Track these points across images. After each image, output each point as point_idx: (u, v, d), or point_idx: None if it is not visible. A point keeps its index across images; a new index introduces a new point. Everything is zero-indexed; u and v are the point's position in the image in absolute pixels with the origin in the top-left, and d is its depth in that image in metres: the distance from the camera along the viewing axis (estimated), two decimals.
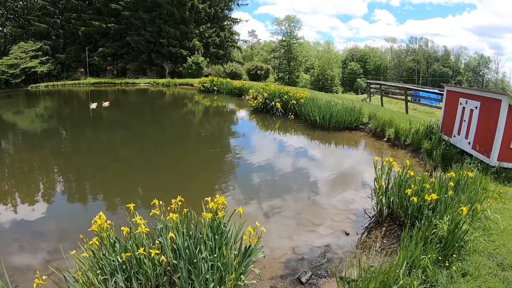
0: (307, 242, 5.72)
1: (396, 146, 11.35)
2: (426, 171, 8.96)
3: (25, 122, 19.27)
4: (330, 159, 10.95)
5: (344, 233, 5.99)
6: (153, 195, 5.03)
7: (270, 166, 10.10)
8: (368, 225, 6.31)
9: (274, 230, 6.15)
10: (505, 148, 7.78)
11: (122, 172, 9.90)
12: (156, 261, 3.96)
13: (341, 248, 5.54)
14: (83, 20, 44.52)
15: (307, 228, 6.26)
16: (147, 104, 26.37)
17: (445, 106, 10.39)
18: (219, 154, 11.56)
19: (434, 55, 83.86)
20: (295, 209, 7.09)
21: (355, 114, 13.71)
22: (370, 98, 23.38)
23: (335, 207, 7.12)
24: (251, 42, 76.63)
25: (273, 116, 17.26)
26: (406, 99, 17.44)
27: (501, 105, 7.66)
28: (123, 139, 14.06)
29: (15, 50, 42.28)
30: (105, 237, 4.05)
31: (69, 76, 44.44)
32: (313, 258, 5.25)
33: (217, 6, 44.80)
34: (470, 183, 5.77)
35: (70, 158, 11.55)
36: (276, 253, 5.36)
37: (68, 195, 8.21)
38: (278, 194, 7.95)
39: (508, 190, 6.81)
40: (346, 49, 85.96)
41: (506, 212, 5.68)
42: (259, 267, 4.84)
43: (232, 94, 26.29)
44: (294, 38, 59.60)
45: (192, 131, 15.28)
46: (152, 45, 43.11)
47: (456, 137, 9.45)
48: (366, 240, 5.76)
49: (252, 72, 36.09)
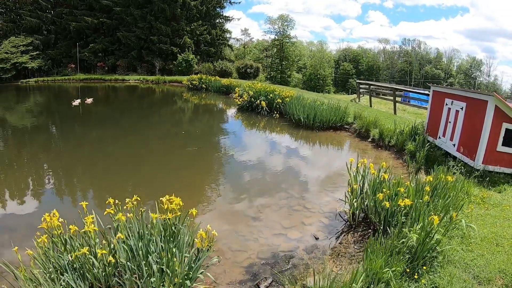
0: (273, 246, 5.38)
1: (380, 147, 10.99)
2: (409, 173, 8.60)
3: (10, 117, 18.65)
4: (310, 159, 10.52)
5: (314, 238, 5.62)
6: (120, 192, 4.65)
7: (246, 166, 9.73)
8: (340, 229, 5.93)
9: (241, 232, 5.85)
10: (490, 150, 7.43)
11: (90, 166, 9.49)
12: (105, 261, 3.80)
13: (309, 253, 5.20)
14: (75, 15, 43.70)
15: (275, 231, 5.90)
16: (133, 101, 26.03)
17: (430, 107, 10.04)
18: (195, 152, 11.11)
19: (427, 57, 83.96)
20: (265, 210, 6.73)
21: (340, 113, 13.34)
22: (360, 98, 23.07)
23: (308, 210, 6.73)
24: (244, 41, 76.09)
25: (258, 114, 16.85)
26: (394, 99, 17.10)
27: (487, 106, 7.32)
28: (100, 136, 13.54)
29: (5, 44, 41.30)
30: (57, 235, 3.91)
31: (60, 71, 43.67)
32: (277, 263, 4.92)
33: (209, 3, 44.20)
34: (449, 187, 5.38)
35: (45, 153, 11.05)
36: (239, 257, 5.08)
37: (39, 190, 7.80)
38: (249, 194, 7.63)
39: (492, 194, 6.46)
40: (339, 50, 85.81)
41: (488, 219, 5.31)
42: (219, 271, 4.70)
43: (220, 92, 25.91)
44: (287, 37, 59.26)
45: (174, 129, 14.82)
46: (143, 42, 42.46)
47: (441, 139, 9.10)
48: (337, 246, 5.39)
49: (241, 70, 35.62)
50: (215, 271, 4.67)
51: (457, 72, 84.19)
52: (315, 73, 60.95)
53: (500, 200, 6.15)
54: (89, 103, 20.49)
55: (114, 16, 42.93)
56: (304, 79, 65.54)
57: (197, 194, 7.76)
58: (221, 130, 15.27)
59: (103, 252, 3.75)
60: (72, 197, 7.54)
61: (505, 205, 5.85)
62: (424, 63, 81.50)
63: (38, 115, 19.43)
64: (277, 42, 59.89)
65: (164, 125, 15.77)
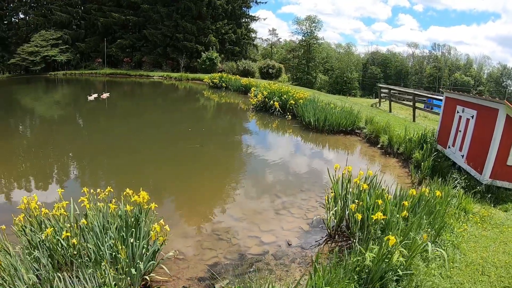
0: (244, 248, 5.24)
1: (388, 154, 10.43)
2: (412, 183, 8.07)
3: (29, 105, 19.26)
4: (309, 163, 10.08)
5: (287, 244, 5.34)
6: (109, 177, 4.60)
7: (242, 165, 9.60)
8: (319, 238, 5.57)
9: (217, 231, 5.75)
10: (500, 164, 6.81)
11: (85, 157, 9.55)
12: (70, 243, 4.10)
13: (277, 259, 4.94)
14: (103, 11, 44.89)
15: (250, 233, 5.71)
16: (152, 97, 26.36)
17: (442, 114, 9.42)
18: (196, 150, 10.94)
19: (457, 63, 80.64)
20: (247, 211, 6.56)
21: (352, 117, 12.82)
22: (380, 103, 22.27)
23: (291, 214, 6.43)
24: (272, 41, 75.66)
25: (271, 115, 16.53)
26: (414, 105, 16.32)
27: (497, 115, 6.72)
28: (105, 129, 13.71)
29: (36, 38, 42.99)
30: (34, 216, 4.38)
31: (87, 65, 45.07)
32: (241, 265, 4.77)
33: (235, 3, 44.19)
34: (437, 203, 4.89)
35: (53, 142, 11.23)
36: (207, 255, 5.04)
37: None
38: (236, 194, 7.56)
39: (495, 213, 5.89)
40: (368, 53, 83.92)
41: (482, 241, 4.80)
42: (184, 265, 4.73)
43: (239, 91, 25.77)
44: (314, 38, 58.43)
45: (181, 125, 14.73)
46: (169, 39, 42.99)
47: (451, 149, 8.49)
48: (308, 254, 5.06)
49: (263, 70, 35.25)
50: (179, 266, 4.71)
51: (487, 80, 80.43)
52: (342, 76, 59.77)
53: (503, 220, 5.58)
54: (104, 98, 20.78)
55: (142, 13, 43.68)
56: (330, 82, 64.50)
57: (184, 189, 7.88)
58: (228, 129, 15.07)
59: (67, 234, 4.09)
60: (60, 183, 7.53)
61: (507, 226, 5.30)
62: (453, 70, 78.29)
63: (56, 106, 19.95)
64: (304, 43, 59.17)
65: (173, 121, 15.74)
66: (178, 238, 5.37)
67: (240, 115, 18.07)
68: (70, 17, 45.88)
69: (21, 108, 19.51)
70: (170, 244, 4.90)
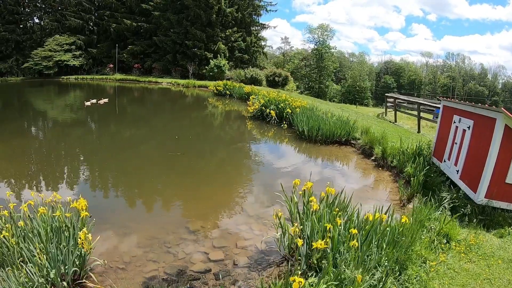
0: (188, 264, 4.88)
1: (381, 167, 9.58)
2: (400, 200, 7.23)
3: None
4: (293, 175, 9.17)
5: (233, 263, 4.81)
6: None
7: (214, 176, 9.07)
8: (272, 260, 4.91)
9: (168, 243, 5.38)
10: (497, 181, 5.92)
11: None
12: (10, 242, 4.20)
13: (217, 279, 4.51)
14: (115, 18, 45.29)
15: (202, 248, 5.29)
16: (154, 103, 26.16)
17: (439, 125, 8.55)
18: (176, 157, 10.33)
19: (471, 72, 78.36)
20: (207, 224, 6.06)
21: (347, 127, 12.00)
22: (387, 112, 21.33)
23: (251, 231, 5.82)
24: (284, 49, 75.13)
25: (267, 124, 15.83)
26: (419, 115, 15.39)
27: (495, 125, 5.86)
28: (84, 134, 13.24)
29: (50, 42, 43.70)
30: None
31: (99, 70, 45.59)
32: (177, 282, 4.49)
33: (244, 10, 43.89)
34: (406, 230, 4.06)
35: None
36: (149, 267, 4.78)
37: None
38: (199, 205, 7.13)
39: (487, 240, 5.02)
40: (381, 62, 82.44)
41: (460, 278, 3.95)
42: (122, 275, 4.53)
43: (242, 98, 25.32)
44: (326, 47, 57.61)
45: (171, 132, 14.17)
46: (178, 46, 42.90)
47: (446, 163, 7.61)
48: (254, 277, 4.47)
49: (270, 78, 34.62)
50: (118, 275, 4.54)
51: (502, 90, 77.90)
52: (354, 85, 58.63)
53: (494, 250, 4.71)
54: (102, 103, 20.41)
55: (153, 20, 43.83)
56: (343, 91, 63.42)
57: (145, 197, 7.58)
58: (218, 137, 14.42)
59: (5, 234, 4.20)
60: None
61: (496, 258, 4.43)
62: (468, 79, 76.10)
63: (52, 109, 19.72)
64: (316, 52, 58.41)
65: (164, 128, 15.22)
66: (128, 247, 5.21)
67: (236, 124, 17.43)
68: (84, 23, 46.42)
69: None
70: (116, 253, 4.91)
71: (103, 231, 5.44)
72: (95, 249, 4.75)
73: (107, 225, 5.76)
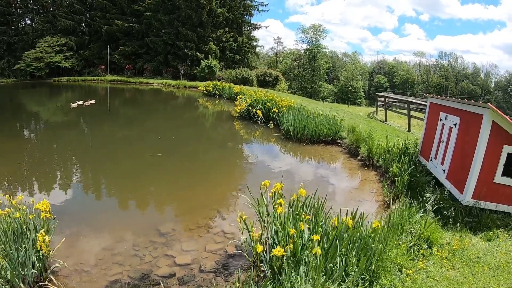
0: (153, 268, 4.69)
1: (367, 167, 9.22)
2: (384, 202, 6.87)
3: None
4: (275, 177, 8.84)
5: (199, 268, 4.56)
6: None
7: (193, 177, 8.72)
8: (240, 264, 4.60)
9: (137, 246, 5.17)
10: (485, 181, 5.57)
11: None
12: None
13: (181, 284, 4.32)
14: (107, 19, 44.72)
15: (170, 251, 5.03)
16: (143, 104, 25.77)
17: (426, 123, 8.20)
18: (155, 158, 9.91)
19: (464, 72, 78.58)
20: (179, 227, 5.82)
21: (334, 127, 11.64)
22: (377, 111, 21.03)
23: (224, 234, 5.51)
24: (277, 49, 74.81)
25: (254, 123, 15.44)
26: (409, 113, 15.11)
27: (482, 121, 5.50)
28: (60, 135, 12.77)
29: (41, 44, 43.05)
30: None
31: (91, 72, 44.95)
32: (140, 286, 4.31)
33: (236, 11, 43.51)
34: (379, 235, 3.68)
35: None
36: (114, 270, 4.60)
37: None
38: (172, 206, 6.97)
39: (474, 243, 4.65)
40: (375, 62, 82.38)
41: (440, 286, 3.58)
42: (86, 278, 4.40)
43: (232, 99, 24.92)
44: (319, 47, 57.36)
45: (156, 133, 13.72)
46: (169, 47, 42.44)
47: (433, 162, 7.25)
48: (220, 283, 4.23)
49: (260, 78, 34.23)
50: (82, 278, 4.40)
51: (494, 89, 78.17)
52: (347, 85, 58.41)
53: (481, 254, 4.34)
54: (88, 105, 19.90)
55: (144, 21, 43.33)
56: (335, 91, 63.23)
57: (125, 197, 7.30)
58: (201, 137, 13.99)
59: None
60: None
61: (482, 264, 4.06)
62: (460, 78, 76.23)
63: (44, 112, 19.21)
64: (308, 52, 58.15)
65: (149, 129, 14.76)
66: (96, 249, 5.05)
67: (222, 124, 17.04)
68: (75, 24, 45.73)
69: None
70: (84, 255, 4.82)
71: (73, 233, 5.32)
72: (62, 251, 4.64)
73: (78, 227, 5.57)
